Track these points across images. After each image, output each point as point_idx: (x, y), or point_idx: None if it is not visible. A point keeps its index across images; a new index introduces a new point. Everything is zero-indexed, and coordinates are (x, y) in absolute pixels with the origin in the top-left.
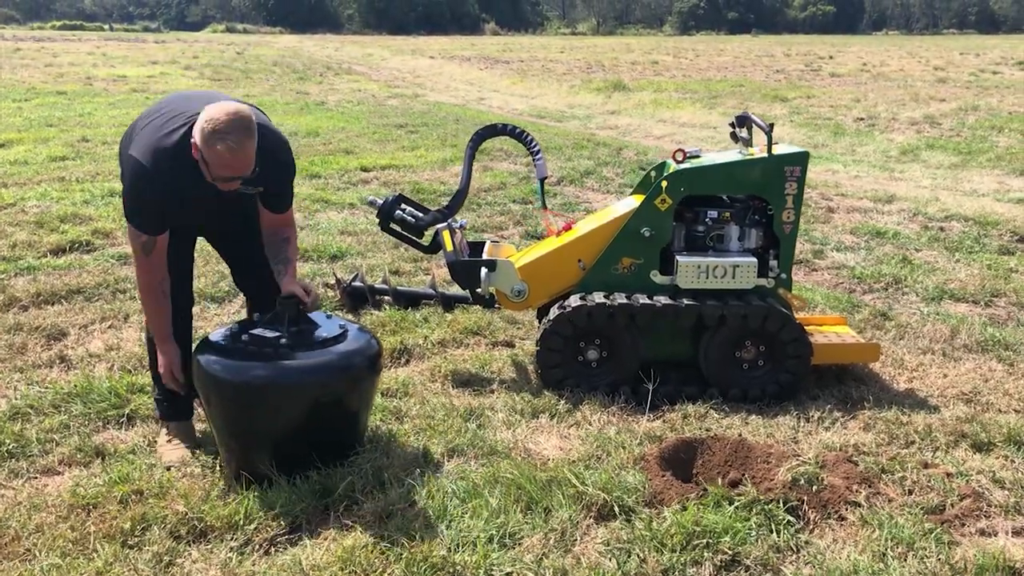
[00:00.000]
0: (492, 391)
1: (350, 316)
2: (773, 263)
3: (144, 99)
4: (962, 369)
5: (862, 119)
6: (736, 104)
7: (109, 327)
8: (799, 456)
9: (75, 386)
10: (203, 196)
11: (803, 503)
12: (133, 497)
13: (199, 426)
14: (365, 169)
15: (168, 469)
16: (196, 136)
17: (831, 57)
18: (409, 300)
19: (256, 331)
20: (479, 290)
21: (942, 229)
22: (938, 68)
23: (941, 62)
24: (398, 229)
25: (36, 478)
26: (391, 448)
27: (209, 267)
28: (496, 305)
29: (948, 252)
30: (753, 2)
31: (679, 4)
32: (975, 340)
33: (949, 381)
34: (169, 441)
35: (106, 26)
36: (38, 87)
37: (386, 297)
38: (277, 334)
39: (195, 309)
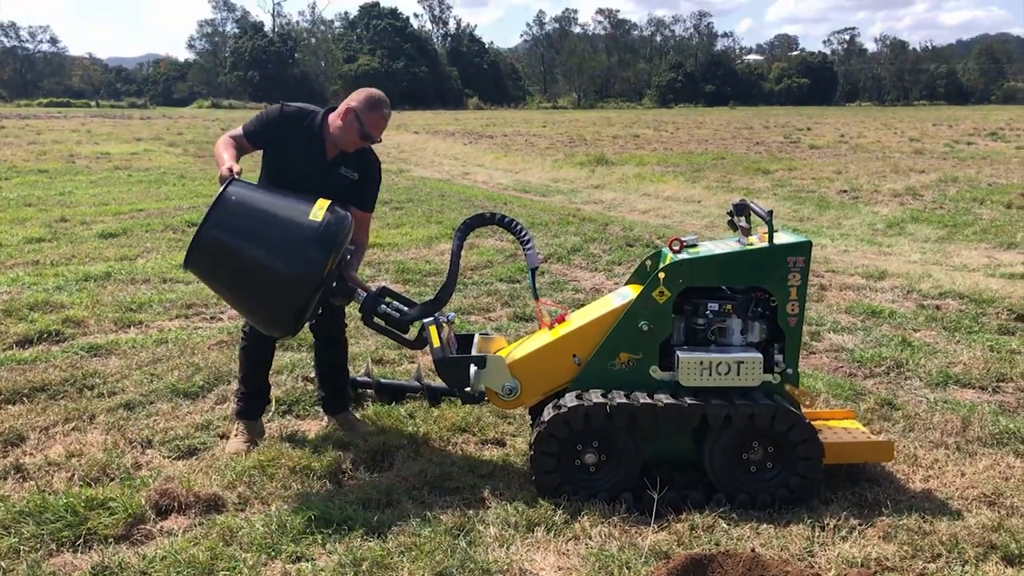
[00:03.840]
0: (483, 499)
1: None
2: (778, 358)
3: (127, 176)
4: (979, 466)
5: (845, 191)
6: (719, 177)
7: (72, 429)
8: None
9: (28, 503)
10: (307, 159)
11: None
12: None
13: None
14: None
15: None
16: (355, 104)
17: (809, 129)
18: (393, 393)
19: None
20: (468, 389)
21: (938, 307)
22: (914, 139)
23: (916, 133)
24: (382, 324)
25: None
26: (373, 574)
27: (183, 359)
28: (486, 399)
29: (947, 332)
30: (730, 75)
31: (657, 78)
32: (988, 432)
33: (968, 480)
34: (236, 436)
35: (93, 103)
36: (19, 165)
37: (369, 391)
38: None
39: (167, 406)
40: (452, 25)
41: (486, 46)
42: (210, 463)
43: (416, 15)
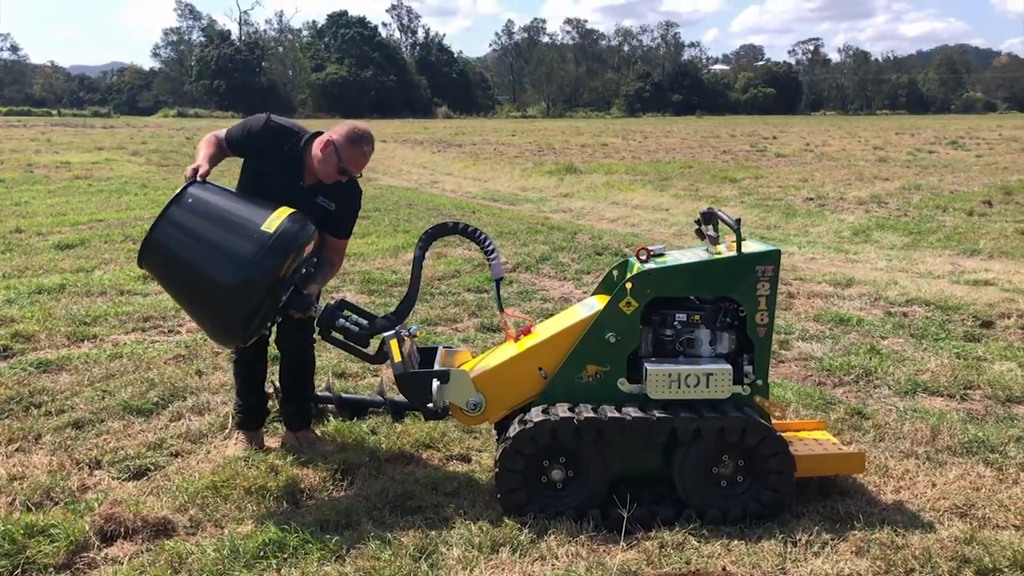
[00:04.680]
0: (446, 519)
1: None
2: (748, 368)
3: (87, 186)
4: (950, 476)
5: (811, 199)
6: (687, 186)
7: (16, 450)
8: None
9: None
10: (283, 183)
11: None
12: None
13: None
14: None
15: None
16: (336, 137)
17: (775, 137)
18: (355, 409)
19: None
20: (431, 405)
21: (905, 315)
22: (877, 148)
23: (880, 142)
24: (340, 338)
25: None
26: None
27: (137, 374)
28: (450, 415)
29: (915, 340)
30: (696, 85)
31: (625, 87)
32: (958, 441)
33: (939, 491)
34: (236, 443)
35: (54, 111)
36: None
37: (329, 406)
38: None
39: (118, 424)
40: (421, 34)
41: (455, 55)
42: (161, 484)
43: (384, 24)
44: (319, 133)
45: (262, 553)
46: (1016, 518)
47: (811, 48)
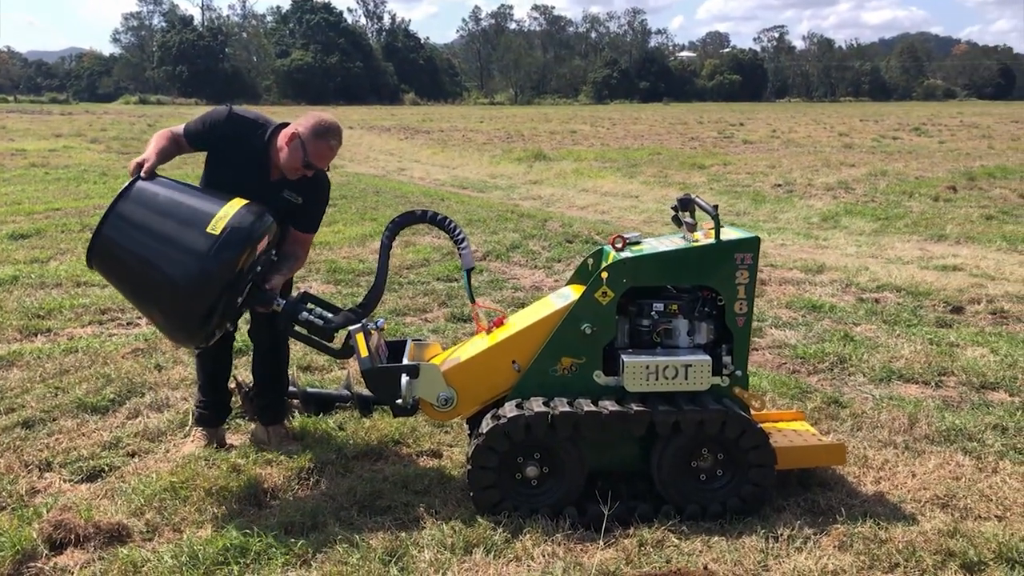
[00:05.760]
0: (417, 519)
1: (252, 426)
2: (727, 359)
3: (43, 174)
4: (929, 466)
5: (779, 185)
6: (656, 172)
7: None
8: None
9: None
10: (247, 177)
11: None
12: None
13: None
14: None
15: None
16: (301, 129)
17: (742, 124)
18: (321, 404)
19: None
20: (400, 401)
21: (877, 301)
22: (843, 134)
23: (844, 128)
24: (304, 332)
25: None
26: None
27: (93, 370)
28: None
29: (887, 326)
30: (663, 72)
31: (593, 74)
32: (936, 430)
33: (919, 482)
34: (194, 440)
35: (11, 98)
36: None
37: (295, 401)
38: None
39: (72, 423)
40: (387, 20)
41: (422, 41)
42: (116, 487)
43: (350, 10)
44: (284, 125)
45: (223, 559)
46: (998, 508)
47: (776, 35)
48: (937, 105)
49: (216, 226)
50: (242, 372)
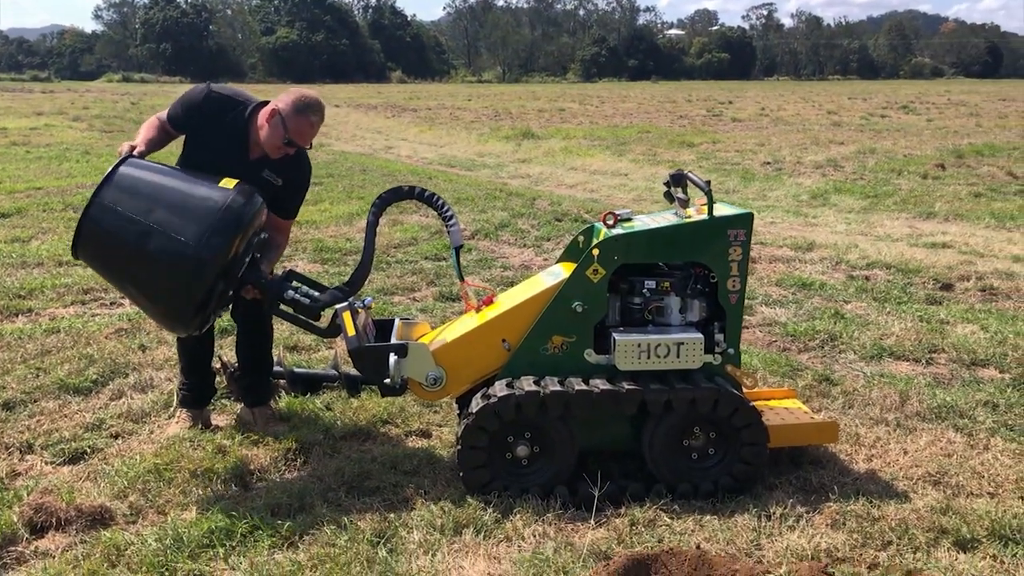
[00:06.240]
0: (406, 499)
1: (238, 408)
2: (719, 337)
3: (24, 152)
4: (921, 443)
5: (769, 163)
6: (645, 151)
7: None
8: (769, 573)
9: None
10: (227, 157)
11: None
12: None
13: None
14: None
15: None
16: (281, 105)
17: (730, 102)
18: (308, 384)
19: None
20: (388, 381)
21: (867, 278)
22: (831, 112)
23: (833, 106)
24: (290, 312)
25: None
26: None
27: (75, 350)
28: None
29: (878, 304)
30: (652, 50)
31: (581, 52)
32: (927, 407)
33: (911, 459)
34: (179, 422)
35: None
36: None
37: (281, 381)
38: None
39: (53, 404)
40: None
41: (408, 19)
42: (99, 469)
43: None
44: (265, 103)
45: (208, 541)
46: (989, 485)
47: (764, 13)
48: (925, 83)
49: (215, 203)
50: (227, 352)
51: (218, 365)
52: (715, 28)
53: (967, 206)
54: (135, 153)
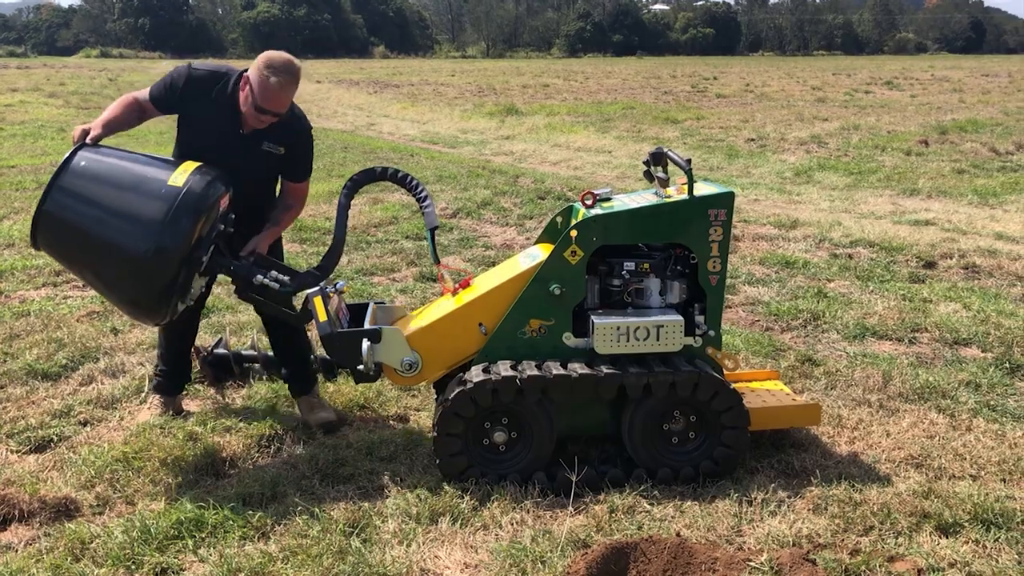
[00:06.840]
0: (381, 487)
1: (212, 391)
2: (700, 319)
3: None
4: (903, 424)
5: (753, 140)
6: (629, 127)
7: None
8: (749, 561)
9: None
10: (220, 134)
11: None
12: None
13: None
14: None
15: None
16: (251, 68)
17: (715, 78)
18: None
19: None
20: (361, 367)
21: (850, 256)
22: (816, 88)
23: (817, 82)
24: (259, 298)
25: None
26: None
27: (45, 334)
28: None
29: (860, 282)
30: (637, 25)
31: (566, 27)
32: (909, 387)
33: (894, 441)
34: (151, 408)
35: None
36: None
37: (255, 365)
38: None
39: (20, 390)
40: None
41: None
42: (65, 457)
43: None
44: (247, 70)
45: (176, 533)
46: (972, 467)
47: None
48: (909, 59)
49: (175, 185)
50: (201, 335)
51: (201, 348)
52: (700, 3)
53: (950, 183)
54: (89, 139)
